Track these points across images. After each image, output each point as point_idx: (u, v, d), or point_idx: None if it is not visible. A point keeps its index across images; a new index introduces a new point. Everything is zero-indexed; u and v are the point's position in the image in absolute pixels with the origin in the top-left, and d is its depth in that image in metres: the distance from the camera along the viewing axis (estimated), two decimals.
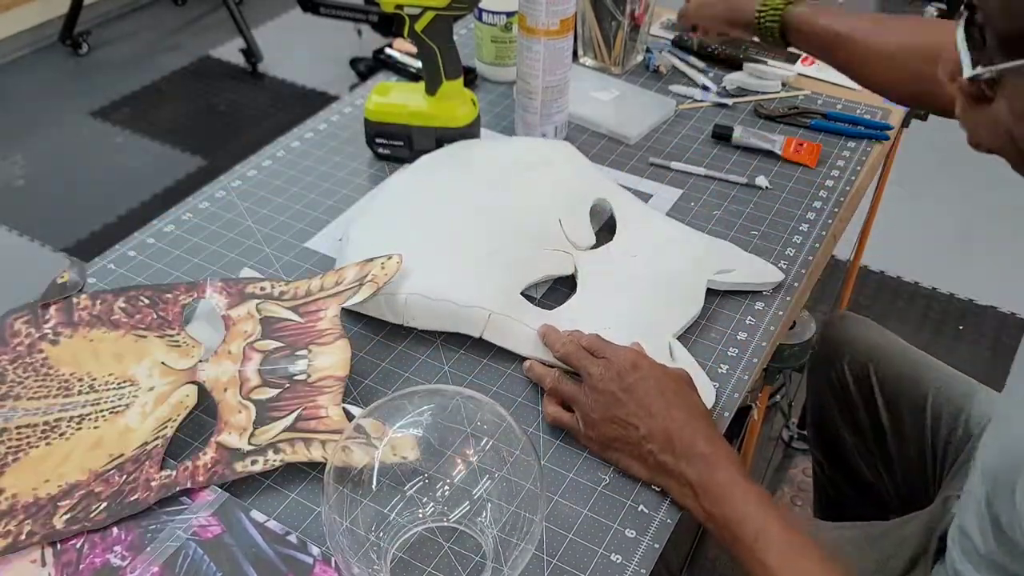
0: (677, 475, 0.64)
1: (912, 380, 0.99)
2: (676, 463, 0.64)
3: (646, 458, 0.65)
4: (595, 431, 0.67)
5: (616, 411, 0.66)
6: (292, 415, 0.68)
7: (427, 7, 0.89)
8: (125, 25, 3.11)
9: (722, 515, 0.61)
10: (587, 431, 0.68)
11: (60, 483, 0.65)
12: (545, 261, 0.82)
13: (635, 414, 0.66)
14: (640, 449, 0.65)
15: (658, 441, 0.64)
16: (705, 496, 0.62)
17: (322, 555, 0.61)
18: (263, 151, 1.03)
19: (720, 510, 0.61)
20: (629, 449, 0.66)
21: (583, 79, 1.13)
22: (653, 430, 0.65)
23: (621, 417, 0.66)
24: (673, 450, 0.64)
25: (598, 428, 0.67)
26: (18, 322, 0.77)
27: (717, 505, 0.62)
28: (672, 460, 0.64)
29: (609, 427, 0.67)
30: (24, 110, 2.65)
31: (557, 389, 0.71)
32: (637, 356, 0.69)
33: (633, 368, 0.68)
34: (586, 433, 0.68)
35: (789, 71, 1.13)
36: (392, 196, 0.87)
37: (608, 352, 0.70)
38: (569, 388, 0.70)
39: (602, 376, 0.68)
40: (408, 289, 0.76)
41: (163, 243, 0.89)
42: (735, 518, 0.61)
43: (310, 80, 2.77)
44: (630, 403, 0.66)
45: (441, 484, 0.60)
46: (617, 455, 0.67)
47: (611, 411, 0.66)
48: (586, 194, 0.89)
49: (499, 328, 0.76)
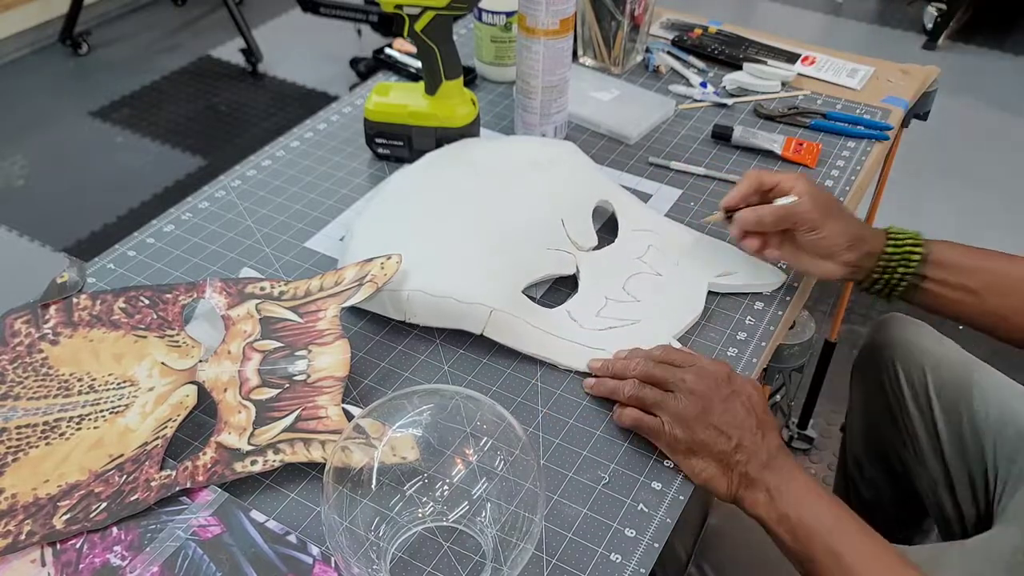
0: (757, 484, 0.65)
1: (971, 390, 0.94)
2: (760, 473, 0.65)
3: (732, 468, 0.65)
4: (686, 433, 0.66)
5: (713, 418, 0.66)
6: (292, 415, 0.68)
7: (427, 7, 0.89)
8: (125, 25, 3.11)
9: (798, 516, 0.63)
10: (674, 431, 0.67)
11: (60, 483, 0.65)
12: (547, 260, 0.82)
13: (731, 424, 0.66)
14: (729, 459, 0.65)
15: (747, 452, 0.65)
16: (784, 500, 0.63)
17: (322, 555, 0.61)
18: (263, 151, 1.03)
19: (797, 512, 0.63)
20: (716, 456, 0.66)
21: (583, 79, 1.13)
22: (744, 441, 0.65)
23: (716, 424, 0.66)
24: (759, 460, 0.65)
25: (692, 431, 0.66)
26: (18, 322, 0.77)
27: (794, 507, 0.63)
28: (756, 471, 0.65)
29: (703, 431, 0.66)
30: (24, 110, 2.65)
31: (639, 396, 0.69)
32: (730, 369, 0.70)
33: (729, 380, 0.68)
34: (673, 434, 0.67)
35: (789, 71, 1.13)
36: (395, 194, 0.88)
37: (694, 360, 0.70)
38: (653, 392, 0.69)
39: (697, 382, 0.68)
40: (411, 286, 0.76)
41: (163, 243, 0.89)
42: (811, 517, 0.62)
43: (310, 80, 2.77)
44: (727, 413, 0.66)
45: (440, 484, 0.60)
46: (701, 462, 0.66)
47: (708, 417, 0.66)
48: (589, 195, 0.89)
49: (500, 325, 0.76)
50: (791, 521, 0.63)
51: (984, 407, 0.92)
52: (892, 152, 1.13)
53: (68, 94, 2.73)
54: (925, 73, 1.16)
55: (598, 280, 0.82)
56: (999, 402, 0.92)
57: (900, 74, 1.16)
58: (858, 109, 1.09)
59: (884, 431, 1.03)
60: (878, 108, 1.09)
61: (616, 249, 0.85)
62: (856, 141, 1.04)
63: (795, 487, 0.64)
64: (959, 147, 2.42)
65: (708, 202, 0.95)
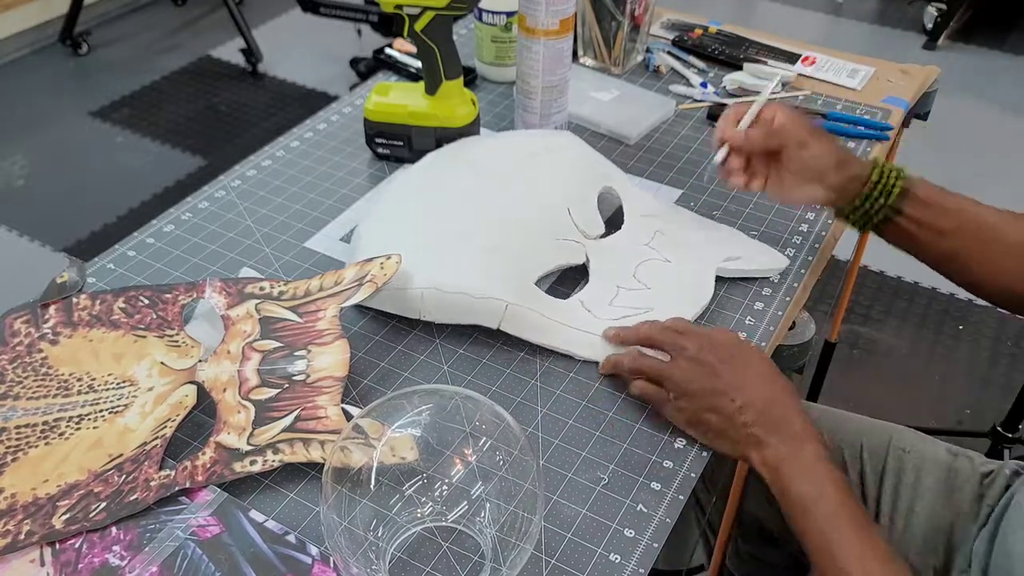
0: (766, 447, 0.65)
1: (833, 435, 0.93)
2: (767, 435, 0.65)
3: (739, 429, 0.66)
4: (689, 402, 0.68)
5: (714, 382, 0.67)
6: (291, 415, 0.68)
7: (427, 7, 0.89)
8: (125, 25, 3.11)
9: (799, 490, 0.63)
10: (678, 402, 0.68)
11: (59, 483, 0.65)
12: (556, 251, 0.82)
13: (732, 385, 0.67)
14: (734, 420, 0.66)
15: (753, 412, 0.65)
16: (789, 470, 0.63)
17: (320, 555, 0.61)
18: (263, 151, 1.03)
19: (800, 485, 0.63)
20: (720, 420, 0.67)
21: (583, 79, 1.13)
22: (750, 401, 0.66)
23: (719, 388, 0.67)
24: (766, 423, 0.65)
25: (694, 399, 0.68)
26: (18, 322, 0.77)
27: (796, 480, 0.63)
28: (764, 433, 0.65)
29: (705, 398, 0.67)
30: (24, 110, 2.65)
31: (640, 366, 0.71)
32: (733, 335, 0.71)
33: (731, 343, 0.69)
34: (677, 405, 0.69)
35: (789, 71, 1.13)
36: (400, 194, 0.88)
37: (699, 329, 0.72)
38: (654, 362, 0.70)
39: (700, 348, 0.69)
40: (423, 283, 0.76)
41: (163, 243, 0.89)
42: (813, 494, 0.62)
43: (310, 80, 2.77)
44: (727, 374, 0.67)
45: (440, 484, 0.60)
46: (705, 428, 0.68)
47: (710, 382, 0.67)
48: (593, 183, 0.89)
49: (516, 319, 0.76)
50: (791, 495, 0.63)
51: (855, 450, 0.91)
52: (892, 152, 1.13)
53: (68, 94, 2.73)
54: (925, 73, 1.16)
55: (608, 268, 0.83)
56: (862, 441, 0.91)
57: (900, 74, 1.16)
58: (858, 109, 1.09)
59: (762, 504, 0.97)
60: (878, 108, 1.09)
61: (624, 236, 0.86)
62: (856, 141, 1.04)
63: (803, 458, 0.64)
64: (959, 147, 2.42)
65: (708, 202, 0.95)
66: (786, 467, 0.64)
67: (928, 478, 0.87)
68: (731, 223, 0.91)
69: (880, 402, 1.77)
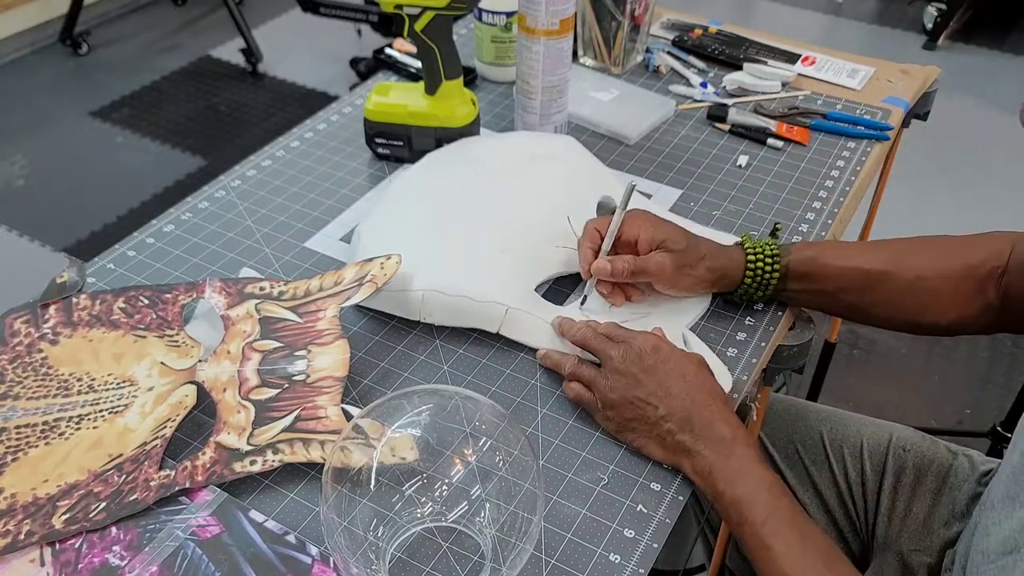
0: (693, 454, 0.65)
1: (802, 425, 0.94)
2: (694, 442, 0.65)
3: (664, 438, 0.66)
4: (614, 411, 0.68)
5: (636, 392, 0.67)
6: (291, 415, 0.68)
7: (427, 7, 0.89)
8: (125, 25, 3.11)
9: (733, 496, 0.62)
10: (605, 412, 0.69)
11: (59, 483, 0.65)
12: (556, 258, 0.83)
13: (654, 394, 0.67)
14: (658, 429, 0.66)
15: (676, 420, 0.65)
16: (719, 476, 0.63)
17: (320, 555, 0.61)
18: (263, 151, 1.03)
19: (732, 491, 0.62)
20: (646, 429, 0.67)
21: (583, 79, 1.13)
22: (672, 409, 0.66)
23: (641, 397, 0.67)
24: (691, 429, 0.65)
25: (617, 409, 0.68)
26: (17, 322, 0.77)
27: (730, 486, 0.62)
28: (690, 439, 0.65)
29: (628, 408, 0.67)
30: (24, 110, 2.65)
31: (576, 373, 0.71)
32: (657, 340, 0.70)
33: (653, 351, 0.69)
34: (604, 414, 0.69)
35: (789, 71, 1.13)
36: (401, 193, 0.88)
37: (627, 336, 0.71)
38: (588, 371, 0.71)
39: (623, 358, 0.69)
40: (425, 285, 0.76)
41: (163, 243, 0.89)
42: (746, 500, 0.62)
43: (310, 80, 2.77)
44: (650, 383, 0.67)
45: (439, 484, 0.60)
46: (633, 435, 0.68)
47: (631, 392, 0.67)
48: (591, 190, 0.90)
49: (516, 323, 0.77)
50: (725, 499, 0.63)
51: (817, 438, 0.93)
52: (892, 152, 1.13)
53: (68, 94, 2.73)
54: (925, 73, 1.16)
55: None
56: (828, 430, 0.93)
57: (900, 74, 1.16)
58: (858, 109, 1.09)
59: None
60: (878, 108, 1.09)
61: None
62: (856, 141, 1.04)
63: (733, 463, 0.63)
64: (959, 147, 2.42)
65: (708, 202, 0.95)
66: (716, 473, 0.63)
67: (928, 477, 0.87)
68: (731, 223, 0.92)
69: (880, 402, 1.77)
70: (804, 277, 0.78)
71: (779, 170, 0.99)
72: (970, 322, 0.76)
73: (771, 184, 0.97)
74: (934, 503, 0.86)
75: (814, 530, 0.61)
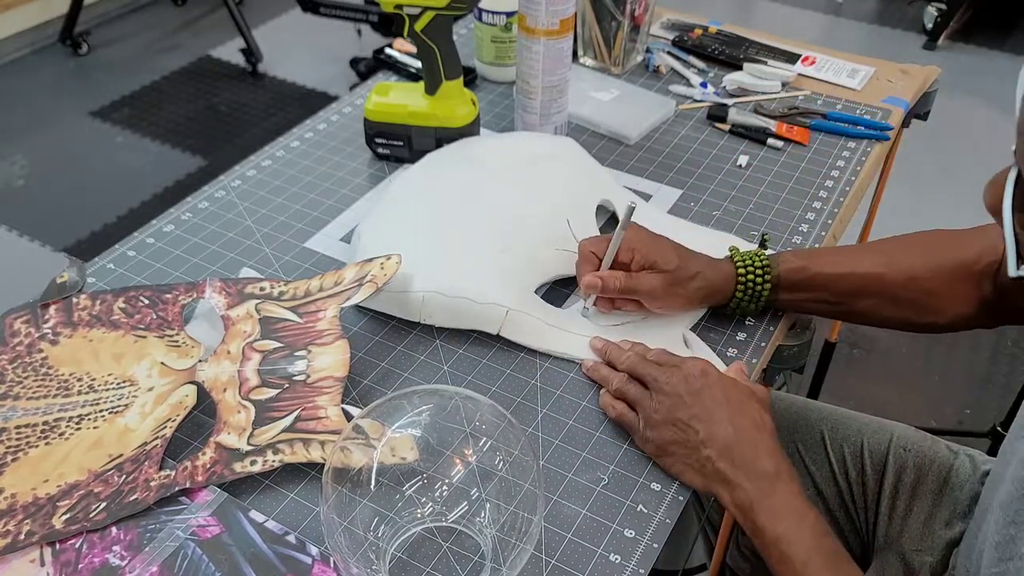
0: (734, 486, 0.63)
1: (803, 423, 0.94)
2: (734, 473, 0.63)
3: (703, 464, 0.65)
4: (655, 432, 0.67)
5: (679, 413, 0.66)
6: (291, 415, 0.68)
7: (427, 7, 0.89)
8: (125, 25, 3.11)
9: (775, 534, 0.61)
10: (646, 432, 0.68)
11: (59, 483, 0.65)
12: (556, 260, 0.83)
13: (697, 417, 0.65)
14: (698, 454, 0.65)
15: (717, 447, 0.64)
16: (760, 511, 0.62)
17: (321, 555, 0.61)
18: (263, 151, 1.03)
19: (774, 528, 0.61)
20: (686, 454, 0.66)
21: (583, 79, 1.13)
22: (713, 435, 0.64)
23: (683, 419, 0.66)
24: (732, 459, 0.64)
25: (658, 430, 0.67)
26: (18, 322, 0.77)
27: (771, 522, 0.61)
28: (730, 469, 0.63)
29: (669, 429, 0.66)
30: (24, 110, 2.65)
31: (623, 390, 0.70)
32: (707, 365, 0.69)
33: (702, 375, 0.68)
34: (644, 435, 0.68)
35: (789, 71, 1.13)
36: (401, 195, 0.88)
37: (676, 361, 0.70)
38: (635, 390, 0.70)
39: (669, 380, 0.68)
40: (425, 286, 0.76)
41: (163, 243, 0.89)
42: (788, 538, 0.60)
43: (310, 80, 2.77)
44: (694, 406, 0.66)
45: (440, 484, 0.60)
46: (672, 460, 0.67)
47: (674, 413, 0.66)
48: (591, 193, 0.90)
49: (516, 325, 0.76)
50: (767, 536, 0.61)
51: (818, 437, 0.93)
52: (892, 152, 1.13)
53: (68, 94, 2.73)
54: (925, 73, 1.16)
55: None
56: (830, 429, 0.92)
57: (900, 74, 1.16)
58: (858, 109, 1.09)
59: None
60: (878, 108, 1.09)
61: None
62: (856, 141, 1.04)
63: (776, 500, 0.62)
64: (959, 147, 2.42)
65: (708, 202, 0.95)
66: (758, 508, 0.62)
67: (929, 477, 0.87)
68: (731, 223, 0.92)
69: (880, 402, 1.77)
70: (796, 287, 0.77)
71: (779, 170, 0.99)
72: (968, 318, 0.76)
73: (771, 184, 0.97)
74: (935, 503, 0.86)
75: (856, 572, 0.61)
